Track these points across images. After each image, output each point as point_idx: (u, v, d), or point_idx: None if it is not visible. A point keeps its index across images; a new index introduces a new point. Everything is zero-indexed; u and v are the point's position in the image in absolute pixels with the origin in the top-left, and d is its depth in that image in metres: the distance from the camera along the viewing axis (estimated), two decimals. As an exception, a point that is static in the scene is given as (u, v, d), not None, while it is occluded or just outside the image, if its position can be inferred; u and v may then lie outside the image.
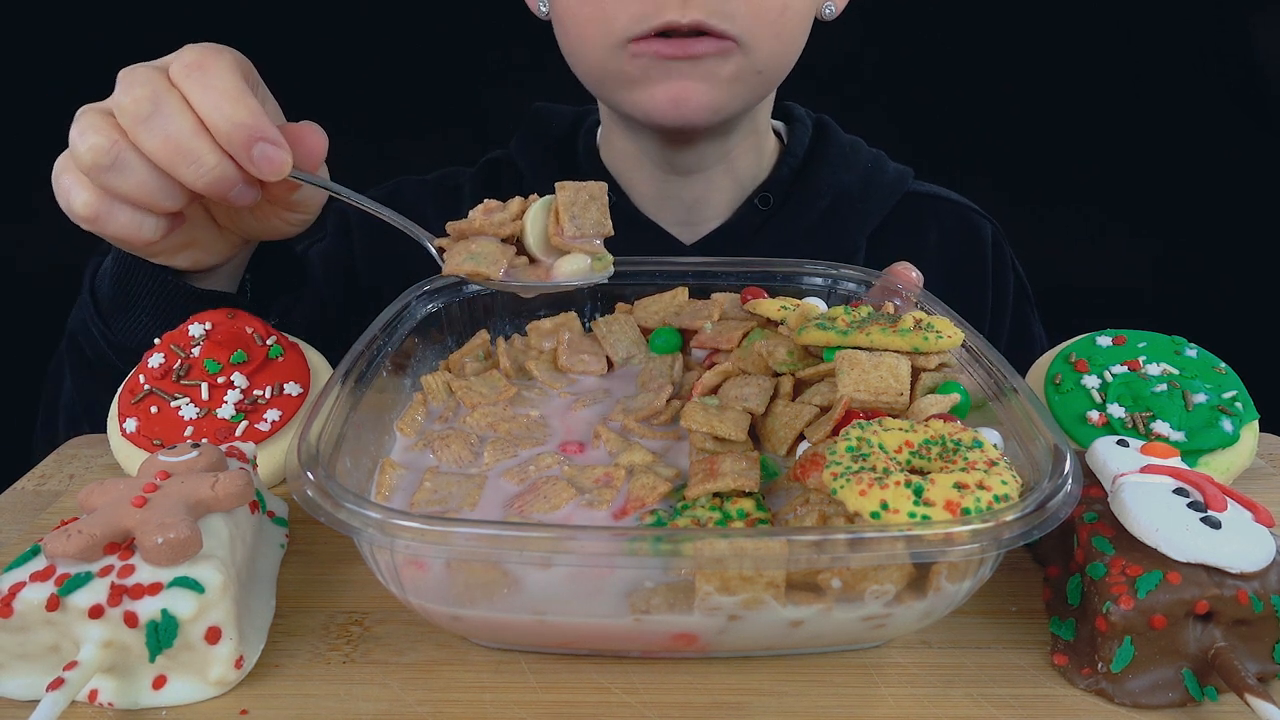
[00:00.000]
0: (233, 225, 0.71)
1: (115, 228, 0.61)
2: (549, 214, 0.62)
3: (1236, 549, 0.45)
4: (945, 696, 0.46)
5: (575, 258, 0.62)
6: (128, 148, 0.58)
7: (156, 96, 0.57)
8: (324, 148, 0.65)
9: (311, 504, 0.43)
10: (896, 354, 0.55)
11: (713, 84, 0.80)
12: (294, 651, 0.49)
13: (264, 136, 0.58)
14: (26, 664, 0.45)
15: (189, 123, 0.57)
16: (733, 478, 0.50)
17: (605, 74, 0.83)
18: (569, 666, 0.48)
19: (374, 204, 0.64)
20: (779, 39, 0.80)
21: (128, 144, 0.58)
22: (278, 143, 0.59)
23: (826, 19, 0.88)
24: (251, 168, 0.59)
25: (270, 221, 0.71)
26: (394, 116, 1.70)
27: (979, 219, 1.03)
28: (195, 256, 0.71)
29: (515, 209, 0.62)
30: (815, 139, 1.00)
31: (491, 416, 0.61)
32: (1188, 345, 0.67)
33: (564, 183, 0.61)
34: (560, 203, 0.61)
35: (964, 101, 1.77)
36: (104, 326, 0.74)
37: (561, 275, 0.62)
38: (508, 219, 0.61)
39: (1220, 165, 1.75)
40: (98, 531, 0.45)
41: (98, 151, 0.57)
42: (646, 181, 0.96)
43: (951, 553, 0.41)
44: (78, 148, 0.58)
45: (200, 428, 0.62)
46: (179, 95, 0.58)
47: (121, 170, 0.58)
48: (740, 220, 0.96)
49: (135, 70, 0.59)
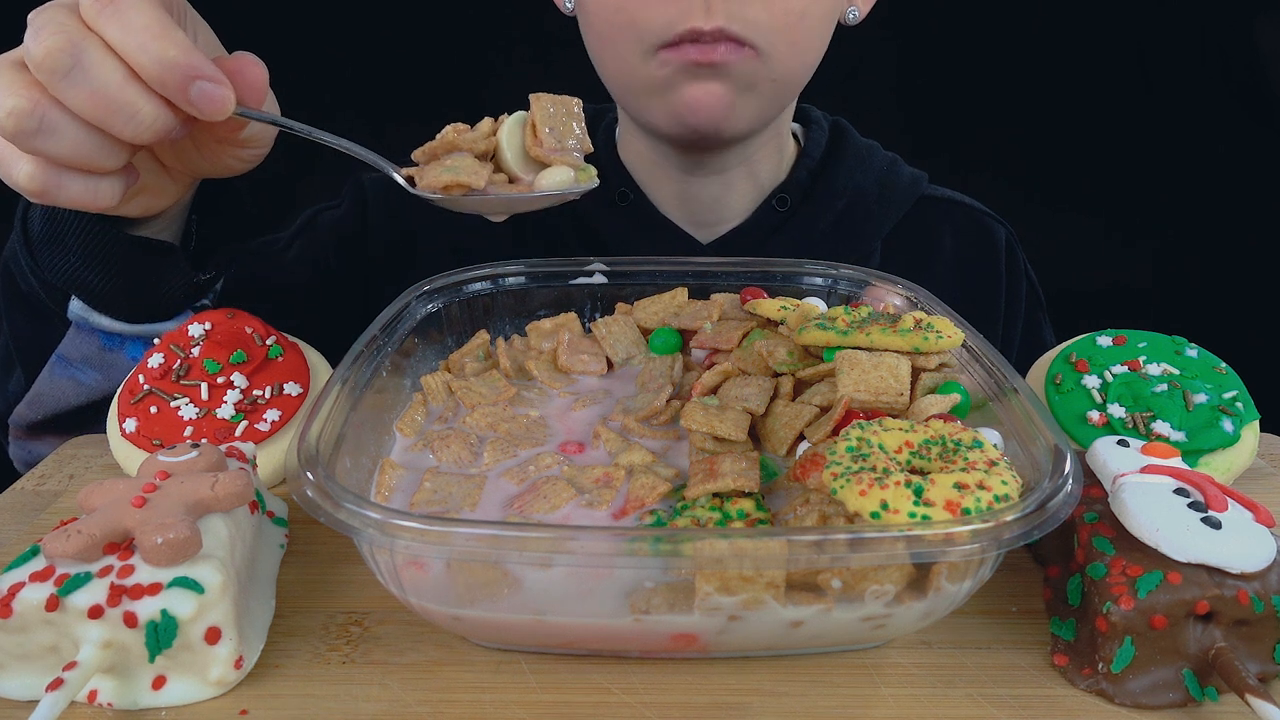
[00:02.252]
0: (180, 165, 0.66)
1: (69, 197, 0.55)
2: (525, 129, 0.59)
3: (1237, 549, 0.45)
4: (945, 696, 0.46)
5: (557, 170, 0.58)
6: (51, 106, 0.51)
7: (73, 45, 0.50)
8: (265, 79, 0.59)
9: (311, 504, 0.43)
10: (896, 354, 0.55)
11: (733, 88, 0.81)
12: (294, 651, 0.49)
13: (200, 74, 0.52)
14: (26, 664, 0.45)
15: (115, 71, 0.51)
16: (732, 478, 0.50)
17: (633, 80, 0.83)
18: (569, 666, 0.48)
19: (330, 136, 0.58)
20: (795, 46, 0.81)
21: (51, 102, 0.51)
22: (216, 79, 0.53)
23: (850, 24, 0.89)
24: (191, 109, 0.53)
25: (221, 160, 0.66)
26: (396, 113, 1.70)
27: (993, 223, 1.04)
28: (146, 203, 0.66)
29: (487, 127, 0.58)
30: (832, 142, 1.00)
31: (491, 417, 0.61)
32: (1188, 345, 0.67)
33: (538, 94, 0.58)
34: (536, 115, 0.58)
35: (968, 102, 1.77)
36: (33, 262, 0.69)
37: (545, 187, 0.58)
38: (481, 136, 0.58)
39: (1221, 165, 1.75)
40: (97, 532, 0.45)
41: (20, 116, 0.50)
42: (665, 181, 0.96)
43: (951, 553, 0.41)
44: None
45: (200, 428, 0.62)
46: (97, 39, 0.51)
47: (51, 133, 0.51)
48: (757, 221, 0.96)
49: (42, 12, 0.52)
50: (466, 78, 1.72)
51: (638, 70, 0.81)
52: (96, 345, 0.73)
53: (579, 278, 0.73)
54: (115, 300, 0.71)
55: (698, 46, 0.77)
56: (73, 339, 0.72)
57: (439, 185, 0.56)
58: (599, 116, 1.03)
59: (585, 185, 0.60)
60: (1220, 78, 1.73)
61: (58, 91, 0.51)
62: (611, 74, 0.86)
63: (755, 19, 0.77)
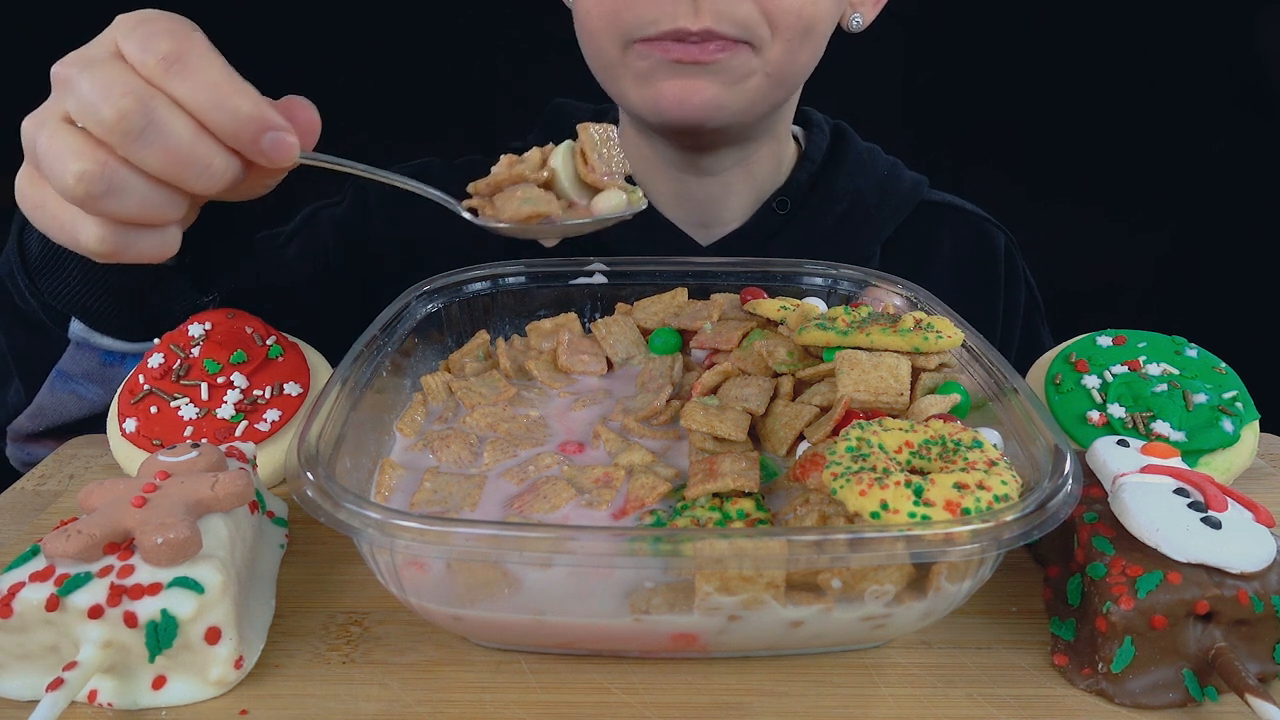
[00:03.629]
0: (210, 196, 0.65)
1: (138, 253, 0.54)
2: (575, 157, 0.62)
3: (1237, 549, 0.45)
4: (945, 696, 0.46)
5: (611, 193, 0.62)
6: (120, 166, 0.50)
7: (145, 106, 0.49)
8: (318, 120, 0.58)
9: (311, 504, 0.43)
10: (896, 354, 0.55)
11: (721, 84, 0.80)
12: (294, 651, 0.49)
13: (271, 125, 0.52)
14: (26, 664, 0.45)
15: (187, 128, 0.51)
16: (732, 478, 0.50)
17: (613, 67, 0.83)
18: (569, 666, 0.48)
19: (393, 175, 0.60)
20: (790, 45, 0.80)
21: (119, 162, 0.50)
22: (285, 128, 0.53)
23: (854, 31, 0.88)
24: (261, 159, 0.53)
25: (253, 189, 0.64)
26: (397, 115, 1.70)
27: (992, 229, 1.04)
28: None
29: (536, 158, 0.61)
30: (833, 145, 1.00)
31: (491, 417, 0.61)
32: (1188, 345, 0.67)
33: (584, 124, 0.62)
34: (585, 143, 0.61)
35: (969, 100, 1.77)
36: (30, 283, 0.68)
37: (604, 210, 0.62)
38: (534, 166, 0.61)
39: (1221, 165, 1.75)
40: (97, 532, 0.45)
41: (90, 180, 0.49)
42: (664, 182, 0.96)
43: (951, 553, 0.41)
44: (63, 179, 0.50)
45: (200, 428, 0.62)
46: (165, 97, 0.50)
47: (120, 193, 0.51)
48: (757, 223, 0.96)
49: (98, 70, 0.50)
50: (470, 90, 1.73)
51: (615, 59, 0.82)
52: (97, 361, 0.73)
53: (579, 278, 0.73)
54: (116, 322, 0.71)
55: (682, 45, 0.77)
56: (73, 355, 0.73)
57: (520, 216, 0.59)
58: (601, 115, 1.03)
59: (638, 206, 0.63)
60: (1222, 76, 1.73)
61: (129, 152, 0.50)
62: (592, 61, 0.86)
63: (746, 18, 0.77)
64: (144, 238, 0.54)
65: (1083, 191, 1.81)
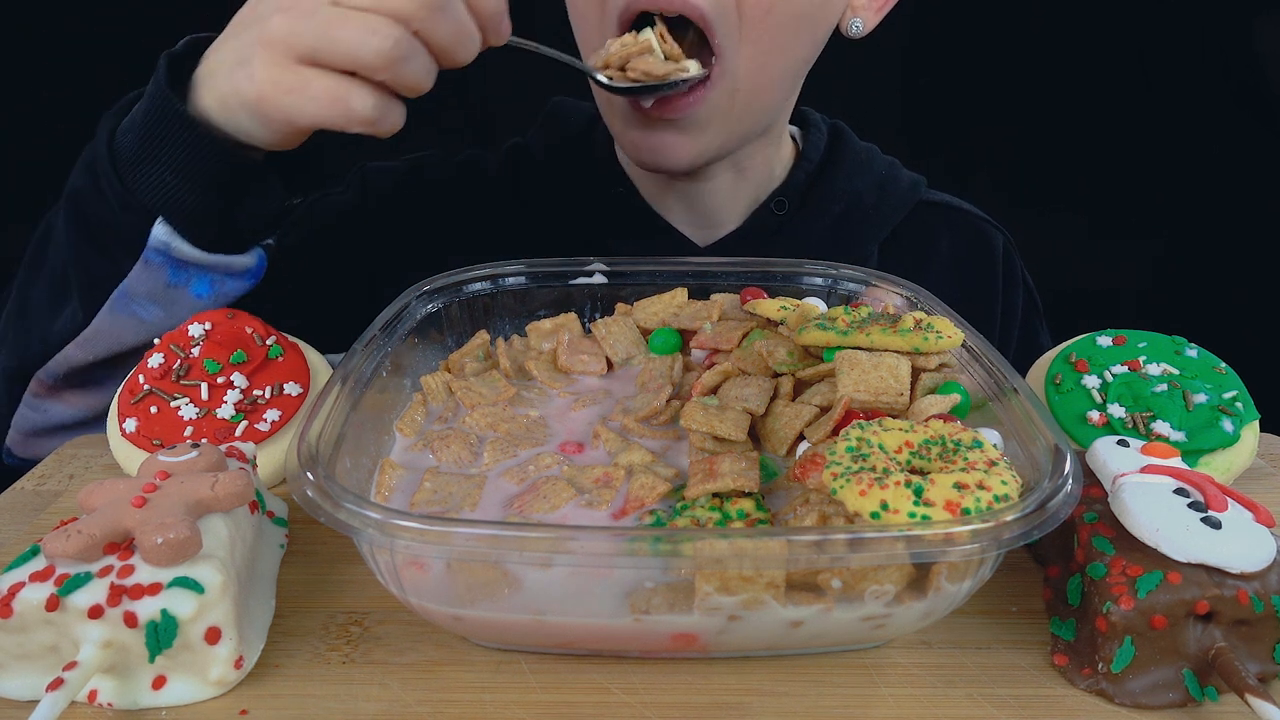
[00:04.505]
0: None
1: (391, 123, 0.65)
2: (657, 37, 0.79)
3: (1237, 549, 0.45)
4: (945, 696, 0.46)
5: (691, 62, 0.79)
6: (411, 39, 0.61)
7: None
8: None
9: (311, 504, 0.43)
10: (896, 354, 0.55)
11: (691, 136, 0.83)
12: (294, 651, 0.49)
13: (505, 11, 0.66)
14: (26, 664, 0.45)
15: (464, 9, 0.64)
16: (732, 478, 0.50)
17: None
18: (569, 666, 0.48)
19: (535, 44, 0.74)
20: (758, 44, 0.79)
21: (411, 35, 0.61)
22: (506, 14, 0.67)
23: (854, 36, 0.88)
24: (495, 38, 0.67)
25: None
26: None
27: (991, 229, 1.04)
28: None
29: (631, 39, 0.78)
30: (830, 145, 1.00)
31: (491, 417, 0.61)
32: (1188, 345, 0.67)
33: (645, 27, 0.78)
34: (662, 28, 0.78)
35: (968, 102, 1.77)
36: (118, 183, 0.70)
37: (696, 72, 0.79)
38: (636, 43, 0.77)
39: (1221, 166, 1.75)
40: (97, 532, 0.45)
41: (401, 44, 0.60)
42: (659, 184, 0.96)
43: (951, 553, 0.41)
44: (363, 46, 0.60)
45: (200, 428, 0.62)
46: None
47: (410, 59, 0.61)
48: (755, 224, 0.96)
49: None
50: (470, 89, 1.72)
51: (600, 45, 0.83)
52: (164, 281, 0.72)
53: (579, 278, 0.73)
54: (205, 220, 0.71)
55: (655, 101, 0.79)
56: (139, 273, 0.72)
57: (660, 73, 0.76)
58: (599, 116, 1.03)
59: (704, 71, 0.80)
60: (1220, 78, 1.73)
61: (427, 25, 0.62)
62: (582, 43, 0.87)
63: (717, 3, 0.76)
64: (395, 109, 0.65)
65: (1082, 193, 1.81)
